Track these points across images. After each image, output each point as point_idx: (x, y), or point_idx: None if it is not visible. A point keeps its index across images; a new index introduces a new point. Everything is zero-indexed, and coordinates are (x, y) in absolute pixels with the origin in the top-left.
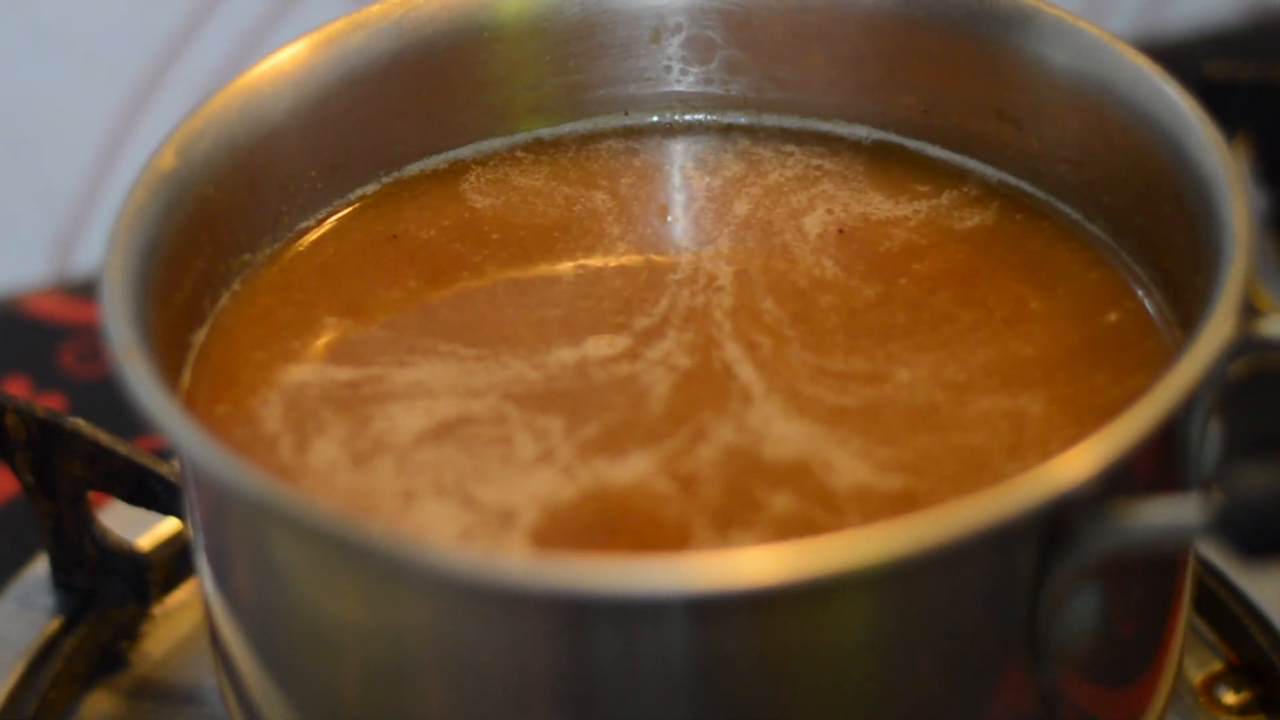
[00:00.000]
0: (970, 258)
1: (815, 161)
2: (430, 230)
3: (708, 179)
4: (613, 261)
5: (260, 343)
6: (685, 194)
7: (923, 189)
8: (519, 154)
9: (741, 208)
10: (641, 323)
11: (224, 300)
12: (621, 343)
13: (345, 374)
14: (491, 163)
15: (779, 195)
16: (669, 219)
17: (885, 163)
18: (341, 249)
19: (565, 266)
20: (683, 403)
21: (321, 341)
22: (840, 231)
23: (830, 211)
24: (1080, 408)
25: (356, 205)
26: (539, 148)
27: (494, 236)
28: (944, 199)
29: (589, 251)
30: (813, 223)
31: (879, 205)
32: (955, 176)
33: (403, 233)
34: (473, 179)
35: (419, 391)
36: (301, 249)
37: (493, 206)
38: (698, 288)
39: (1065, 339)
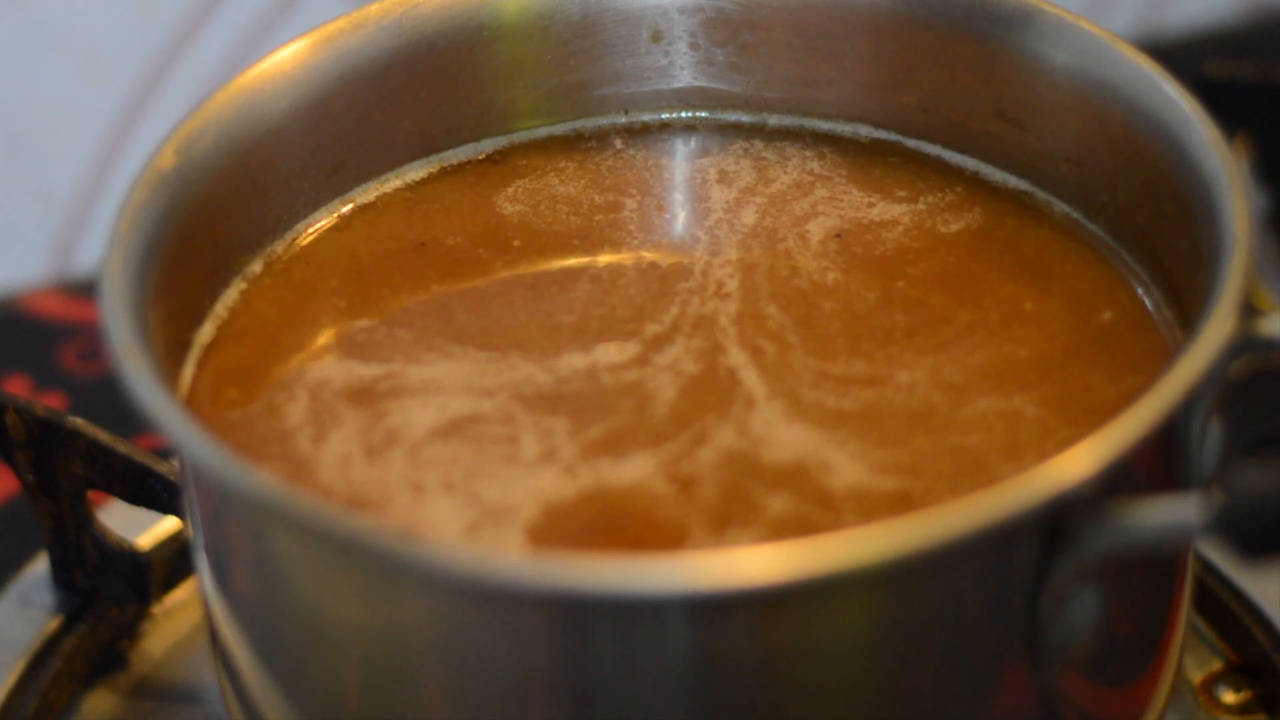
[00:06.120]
0: (969, 258)
1: (815, 161)
2: (456, 236)
3: (711, 180)
4: (626, 269)
5: (266, 341)
6: (691, 196)
7: (922, 188)
8: (538, 157)
9: (745, 209)
10: (652, 329)
11: (226, 299)
12: (632, 349)
13: (348, 374)
14: (505, 164)
15: (781, 196)
16: (676, 223)
17: (885, 162)
18: (344, 247)
19: (582, 274)
20: (687, 407)
21: (329, 341)
22: (838, 235)
23: (830, 213)
24: (1078, 407)
25: (353, 207)
26: (546, 147)
27: (515, 243)
28: (944, 198)
29: (605, 259)
30: (814, 225)
31: (879, 205)
32: (955, 176)
33: (432, 240)
34: (488, 180)
35: (431, 391)
36: (305, 248)
37: (518, 213)
38: (707, 295)
39: (1064, 339)
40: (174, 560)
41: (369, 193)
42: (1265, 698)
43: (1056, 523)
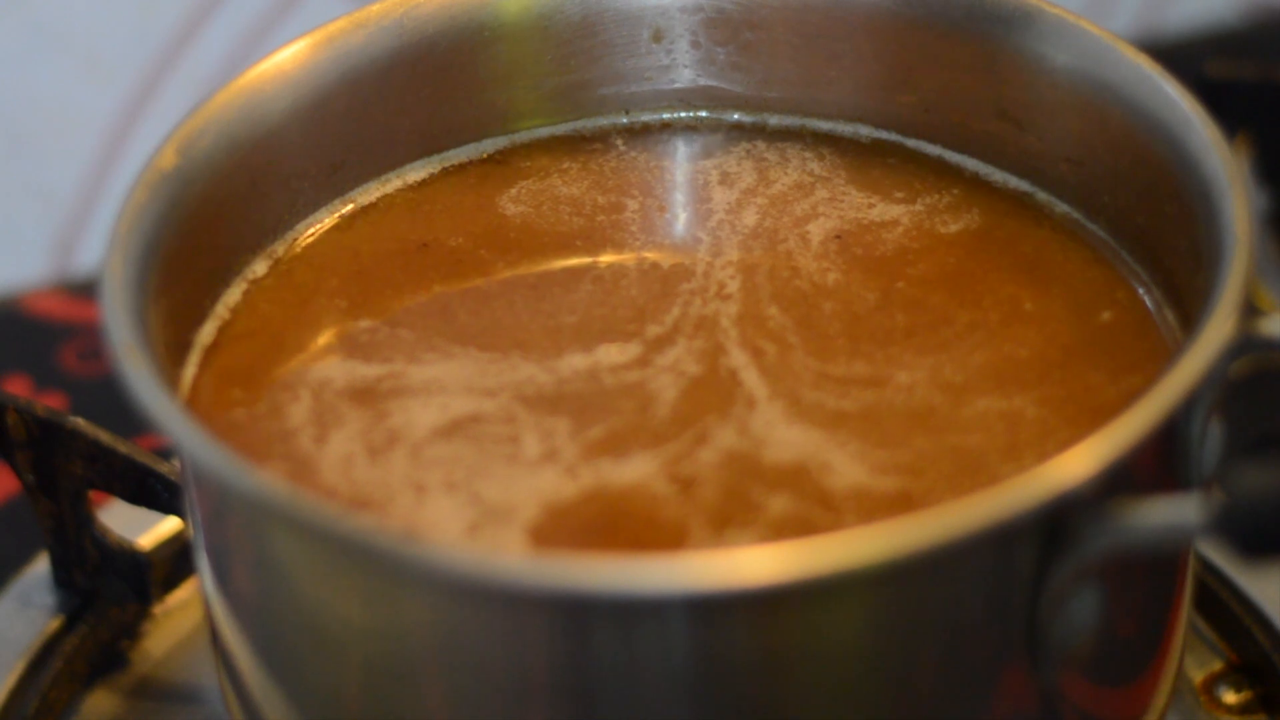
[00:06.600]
0: (968, 258)
1: (815, 162)
2: (459, 237)
3: (713, 181)
4: (628, 270)
5: (268, 341)
6: (693, 198)
7: (922, 188)
8: (540, 157)
9: (746, 210)
10: (654, 330)
11: (227, 299)
12: (633, 350)
13: (351, 374)
14: (508, 164)
15: (781, 197)
16: (677, 224)
17: (885, 162)
18: (346, 247)
19: (584, 275)
20: (688, 408)
21: (331, 341)
22: (839, 236)
23: (830, 214)
24: (1079, 408)
25: (355, 207)
26: (547, 148)
27: (517, 244)
28: (943, 199)
29: (607, 260)
30: (814, 225)
31: (879, 205)
32: (955, 176)
33: (433, 240)
34: (491, 181)
35: (433, 391)
36: (307, 248)
37: (520, 214)
38: (709, 296)
39: (1064, 339)
40: (174, 560)
41: (370, 193)
42: (1266, 698)
43: (1056, 523)
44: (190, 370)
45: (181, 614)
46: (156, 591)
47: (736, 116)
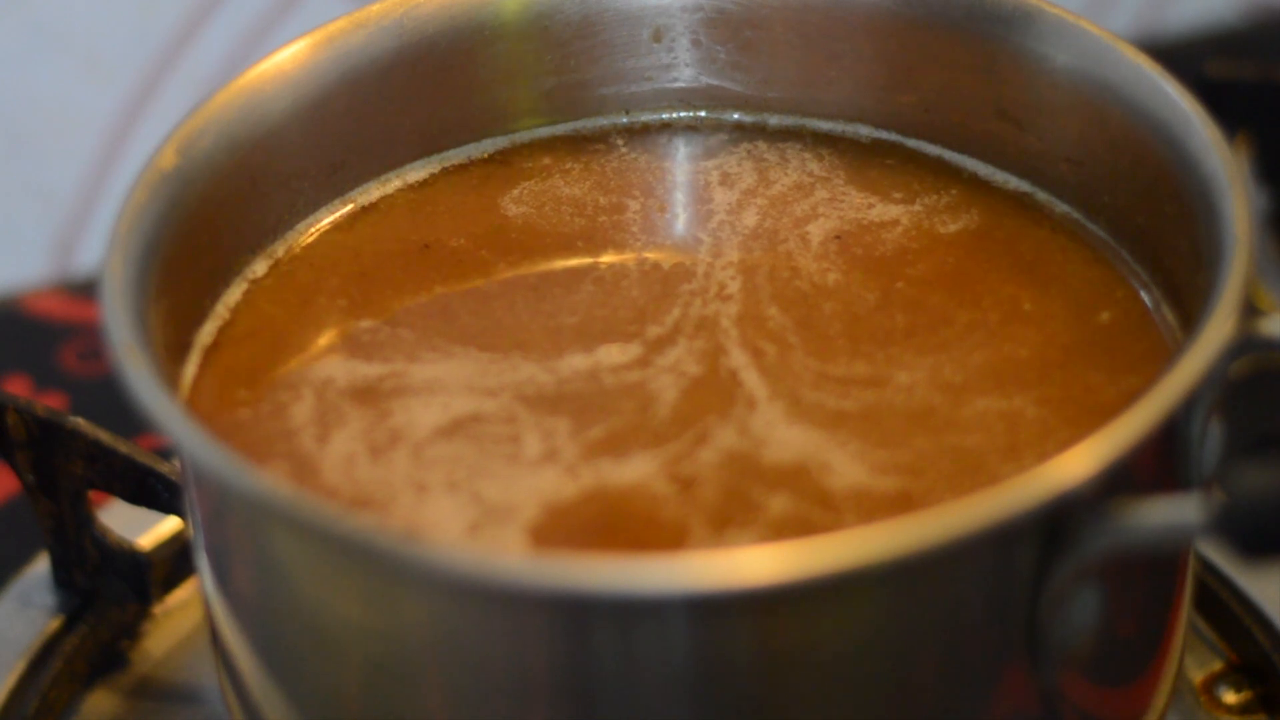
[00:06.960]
0: (968, 258)
1: (815, 162)
2: (460, 238)
3: (714, 182)
4: (629, 270)
5: (269, 341)
6: (693, 198)
7: (921, 189)
8: (542, 157)
9: (746, 211)
10: (654, 331)
11: (228, 299)
12: (634, 350)
13: (352, 373)
14: (509, 165)
15: (781, 198)
16: (678, 224)
17: (884, 163)
18: (347, 248)
19: (585, 276)
20: (688, 408)
21: (333, 341)
22: (839, 237)
23: (830, 215)
24: (1078, 408)
25: (357, 208)
26: (548, 148)
27: (518, 244)
28: (943, 199)
29: (608, 260)
30: (814, 226)
31: (878, 206)
32: (954, 176)
33: (434, 240)
34: (492, 182)
35: (434, 390)
36: (307, 248)
37: (522, 214)
38: (709, 296)
39: (1064, 339)
40: (174, 560)
41: (370, 193)
42: (1266, 698)
43: (1056, 523)
44: (190, 370)
45: (181, 614)
46: (156, 591)
47: (736, 116)
